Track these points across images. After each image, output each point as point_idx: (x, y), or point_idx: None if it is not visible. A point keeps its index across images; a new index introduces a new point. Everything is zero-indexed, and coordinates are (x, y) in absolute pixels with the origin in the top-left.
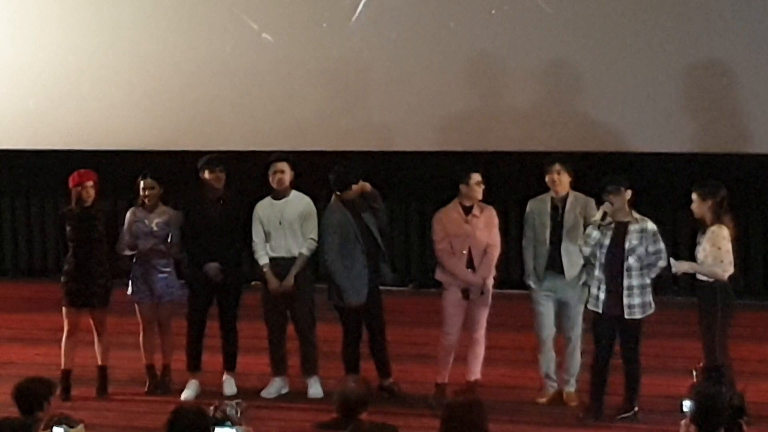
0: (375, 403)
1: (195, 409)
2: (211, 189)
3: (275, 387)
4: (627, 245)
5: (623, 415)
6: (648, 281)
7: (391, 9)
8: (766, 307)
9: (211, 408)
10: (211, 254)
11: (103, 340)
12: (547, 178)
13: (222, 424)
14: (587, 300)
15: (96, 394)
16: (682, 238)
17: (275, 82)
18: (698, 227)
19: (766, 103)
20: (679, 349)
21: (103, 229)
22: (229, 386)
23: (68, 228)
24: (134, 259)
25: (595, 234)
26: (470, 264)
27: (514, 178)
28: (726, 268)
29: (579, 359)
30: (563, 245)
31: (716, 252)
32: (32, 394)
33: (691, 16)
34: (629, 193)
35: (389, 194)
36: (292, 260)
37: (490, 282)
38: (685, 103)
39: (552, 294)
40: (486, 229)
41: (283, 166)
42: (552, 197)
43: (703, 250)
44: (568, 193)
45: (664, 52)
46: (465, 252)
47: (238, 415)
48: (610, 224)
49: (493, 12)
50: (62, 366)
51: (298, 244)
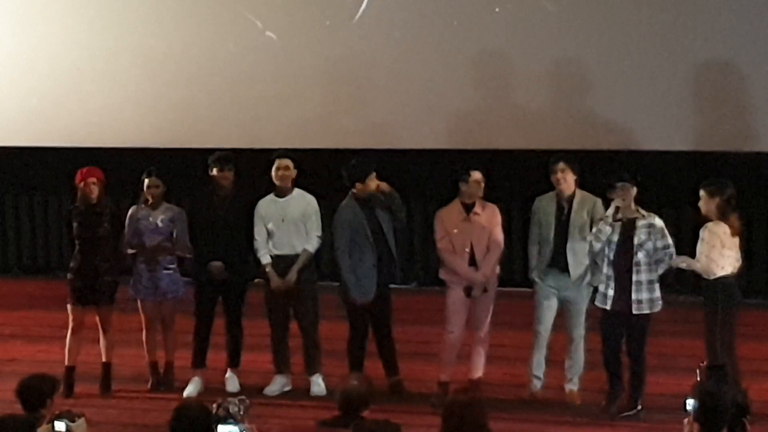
0: (377, 401)
1: (198, 406)
2: (219, 187)
3: (278, 384)
4: (636, 241)
5: (627, 413)
6: (656, 277)
7: (394, 7)
8: None
9: (215, 405)
10: (216, 252)
11: (109, 338)
12: (552, 178)
13: (225, 422)
14: (594, 298)
15: (99, 391)
16: (688, 236)
17: (278, 79)
18: (703, 224)
19: None
20: (683, 347)
21: (109, 226)
22: (232, 383)
23: (74, 225)
24: (138, 257)
25: (606, 229)
26: (473, 262)
27: (519, 176)
28: (714, 268)
29: (582, 358)
30: (569, 244)
31: (709, 249)
32: (36, 391)
33: (698, 14)
34: (635, 190)
35: None
36: (296, 257)
37: (494, 280)
38: (691, 101)
39: (556, 291)
40: (488, 227)
41: (288, 162)
42: (558, 196)
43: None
44: (574, 193)
45: (670, 50)
46: (467, 250)
47: (242, 412)
48: (621, 219)
49: (497, 10)
50: (66, 363)
51: (302, 241)
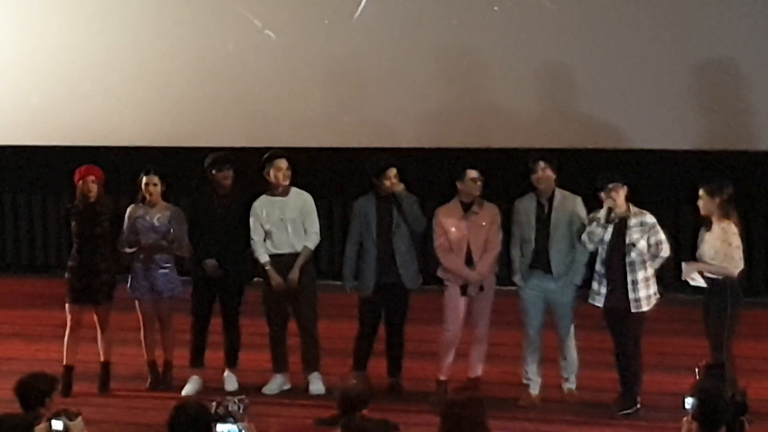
0: (376, 400)
1: (197, 405)
2: (220, 186)
3: (276, 383)
4: (627, 240)
5: (625, 411)
6: (651, 272)
7: (393, 6)
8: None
9: (214, 404)
10: (214, 251)
11: (107, 337)
12: (532, 177)
13: (224, 421)
14: (586, 295)
15: (98, 390)
16: (686, 236)
17: (277, 78)
18: (702, 224)
19: None
20: (682, 346)
21: (107, 225)
22: (231, 383)
23: (73, 224)
24: (135, 255)
25: (599, 231)
26: (470, 261)
27: (517, 175)
28: (738, 264)
29: (576, 357)
30: (551, 244)
31: (727, 248)
32: (34, 390)
33: (698, 13)
34: (626, 189)
35: None
36: (295, 256)
37: (491, 279)
38: (690, 100)
39: (540, 293)
40: (486, 226)
41: (286, 162)
42: (538, 196)
43: (712, 248)
44: (554, 192)
45: (670, 50)
46: (464, 248)
47: (241, 411)
48: (614, 220)
49: (496, 9)
50: (64, 362)
51: (301, 240)
